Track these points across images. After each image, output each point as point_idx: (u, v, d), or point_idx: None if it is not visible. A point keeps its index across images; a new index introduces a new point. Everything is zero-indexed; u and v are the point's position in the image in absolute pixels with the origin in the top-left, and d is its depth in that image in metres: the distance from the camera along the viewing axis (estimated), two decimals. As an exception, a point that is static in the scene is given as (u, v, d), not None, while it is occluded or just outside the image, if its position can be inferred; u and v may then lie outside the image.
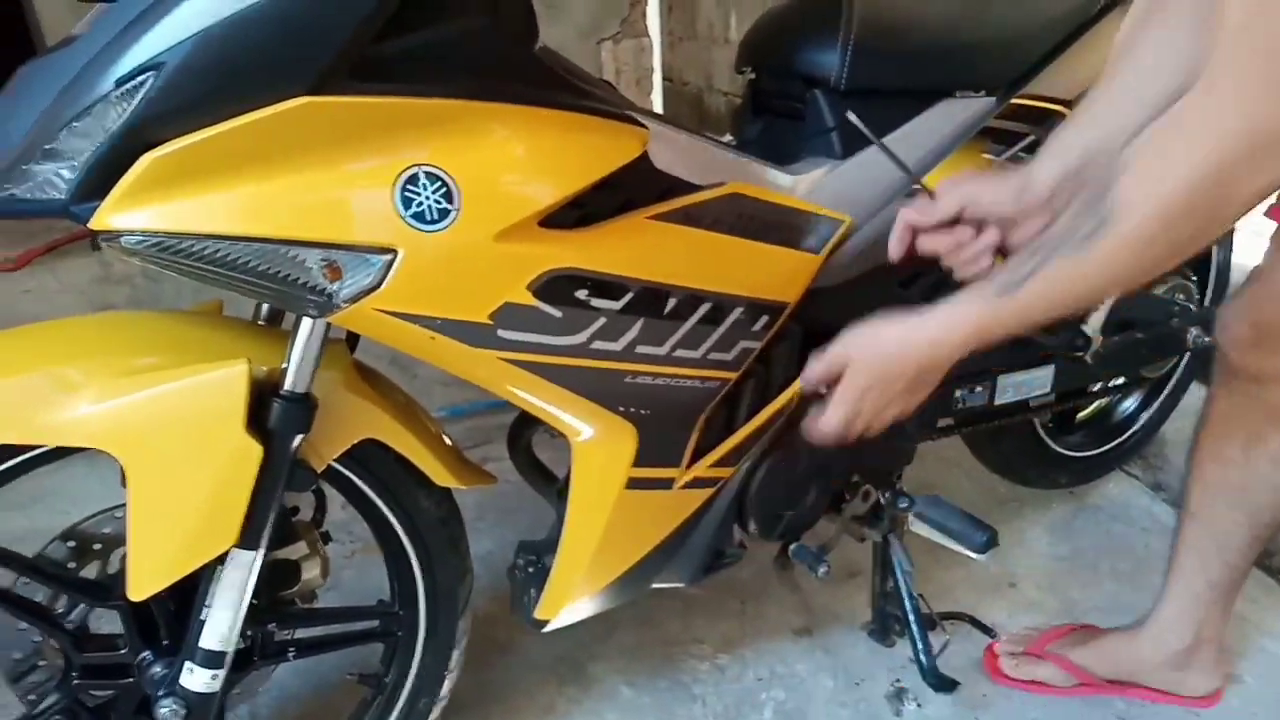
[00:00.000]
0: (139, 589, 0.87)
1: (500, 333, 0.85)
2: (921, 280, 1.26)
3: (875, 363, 0.89)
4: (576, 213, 0.88)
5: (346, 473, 1.01)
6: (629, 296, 0.91)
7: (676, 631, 1.51)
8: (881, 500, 1.31)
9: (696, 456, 1.08)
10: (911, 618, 1.32)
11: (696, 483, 1.09)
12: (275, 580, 1.05)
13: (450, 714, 1.22)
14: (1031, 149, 1.21)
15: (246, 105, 0.71)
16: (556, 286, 0.86)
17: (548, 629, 1.15)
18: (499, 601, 1.52)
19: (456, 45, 0.79)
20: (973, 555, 1.19)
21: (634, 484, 1.02)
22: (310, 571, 1.07)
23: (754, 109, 1.27)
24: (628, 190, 0.92)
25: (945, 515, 1.21)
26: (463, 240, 0.80)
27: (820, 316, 1.11)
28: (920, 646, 1.31)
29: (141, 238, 0.72)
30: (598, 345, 0.91)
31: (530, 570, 1.16)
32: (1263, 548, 1.25)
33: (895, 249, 1.00)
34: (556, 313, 0.87)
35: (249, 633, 1.02)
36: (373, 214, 0.77)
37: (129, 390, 0.83)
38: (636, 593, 1.17)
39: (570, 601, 1.12)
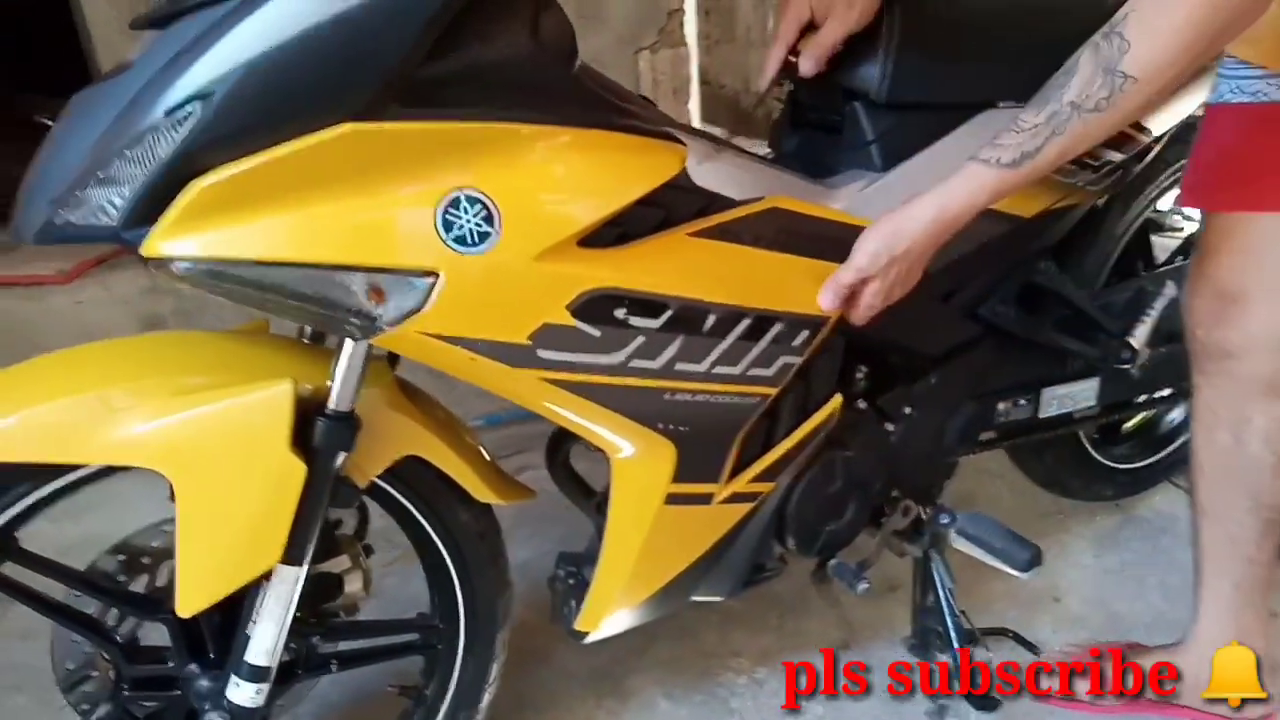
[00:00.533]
0: (187, 605, 0.88)
1: (540, 353, 0.86)
2: (962, 293, 1.24)
3: (896, 262, 0.99)
4: (615, 231, 0.88)
5: (388, 488, 1.02)
6: (668, 314, 0.91)
7: (714, 644, 1.50)
8: (922, 515, 1.30)
9: (736, 471, 1.07)
10: (953, 634, 1.30)
11: (735, 498, 1.08)
12: (318, 594, 1.06)
13: None
14: (1080, 163, 1.19)
15: (294, 132, 0.72)
16: (595, 306, 0.87)
17: (587, 640, 1.16)
18: (537, 611, 1.52)
19: (498, 68, 0.80)
20: (1015, 574, 1.18)
21: (673, 499, 1.02)
22: (353, 585, 1.09)
23: (792, 121, 1.26)
24: (667, 207, 0.92)
25: (988, 532, 1.19)
26: (503, 262, 0.81)
27: (862, 329, 1.11)
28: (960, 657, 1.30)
29: (191, 264, 0.73)
30: (637, 364, 0.91)
31: (570, 582, 1.16)
32: (1279, 537, 1.23)
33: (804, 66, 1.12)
34: (595, 332, 0.88)
35: (292, 646, 1.03)
36: (415, 238, 0.77)
37: (176, 410, 0.85)
38: (676, 605, 1.17)
39: (610, 614, 1.12)
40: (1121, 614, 1.57)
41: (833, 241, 1.06)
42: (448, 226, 0.78)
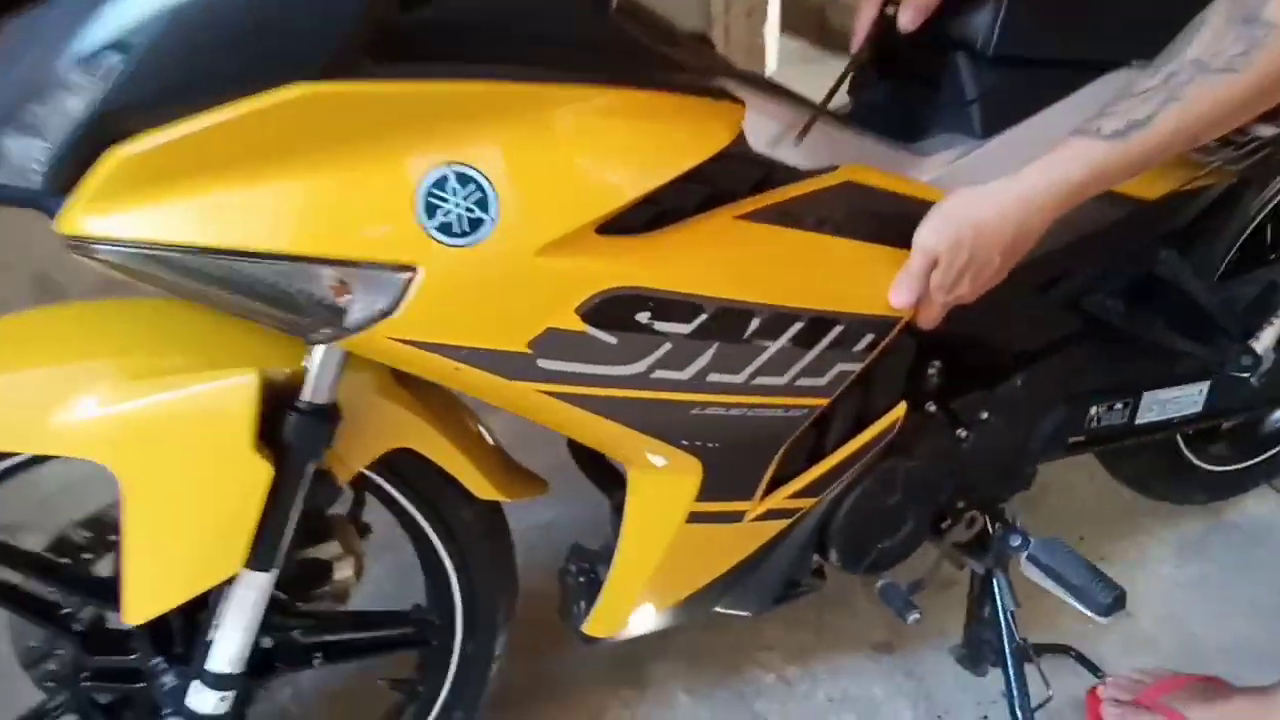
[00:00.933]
0: (134, 613, 0.78)
1: (541, 363, 0.71)
2: (1064, 283, 1.06)
3: (964, 245, 0.81)
4: (646, 213, 0.73)
5: (377, 479, 0.91)
6: (702, 318, 0.76)
7: (745, 637, 1.38)
8: (989, 529, 1.15)
9: (774, 485, 0.93)
10: (1009, 658, 1.17)
11: (771, 514, 0.94)
12: (303, 580, 0.97)
13: (496, 704, 1.13)
14: (1222, 138, 0.98)
15: (234, 94, 0.57)
16: (613, 309, 0.72)
17: (596, 644, 1.05)
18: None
19: (505, 14, 0.63)
20: (1093, 616, 1.03)
21: (696, 518, 0.89)
22: (343, 571, 0.98)
23: (879, 68, 1.06)
24: (714, 181, 0.76)
25: (1065, 565, 1.04)
26: (498, 256, 0.66)
27: (938, 330, 0.94)
28: (1015, 685, 1.17)
29: (114, 247, 0.60)
30: (660, 375, 0.76)
31: (581, 580, 1.05)
32: None
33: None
34: (611, 339, 0.73)
35: (270, 637, 0.94)
36: (388, 225, 0.63)
37: (125, 397, 0.73)
38: (696, 617, 1.05)
39: (621, 622, 1.01)
40: (1199, 637, 1.41)
41: (916, 224, 0.89)
42: (430, 211, 0.63)
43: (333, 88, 0.58)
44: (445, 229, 0.64)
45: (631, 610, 0.99)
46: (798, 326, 0.81)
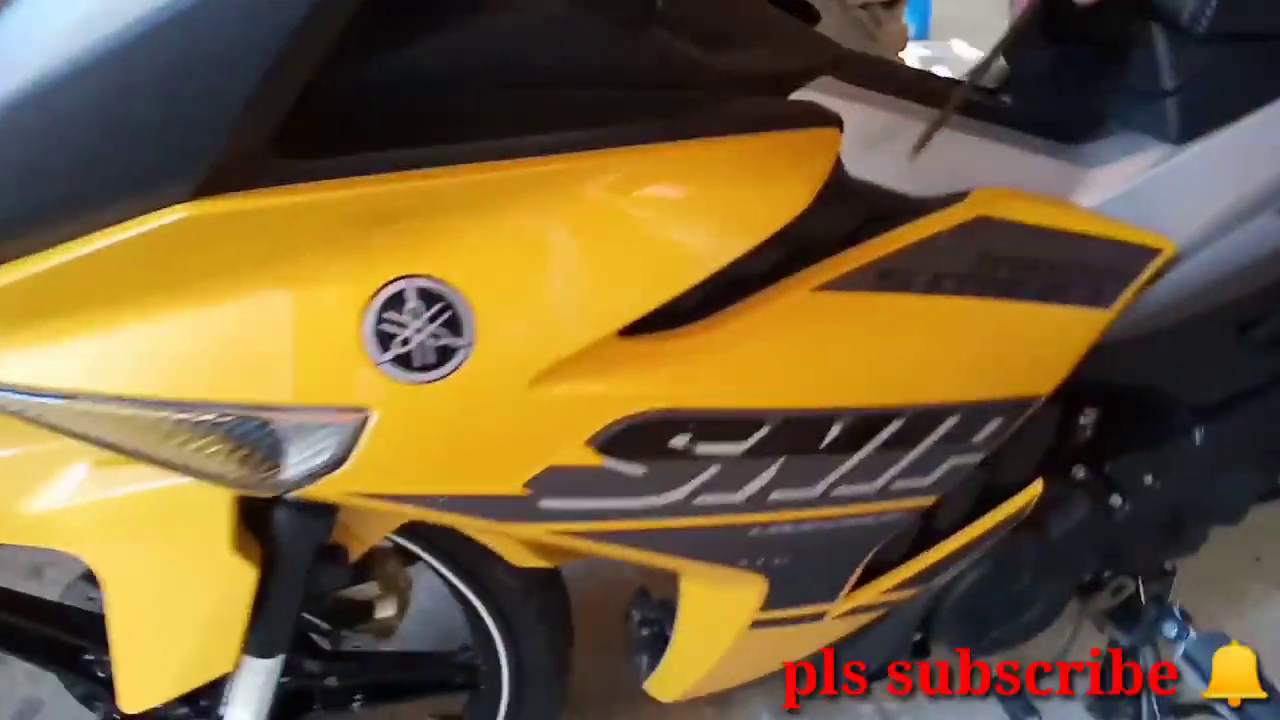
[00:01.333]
0: (130, 703, 0.72)
1: (543, 504, 0.56)
2: (1266, 324, 0.82)
3: None
4: (690, 296, 0.55)
5: (405, 544, 0.80)
6: (761, 435, 0.59)
7: (844, 660, 1.25)
8: (1140, 598, 0.95)
9: (865, 579, 0.77)
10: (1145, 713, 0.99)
11: (861, 610, 0.78)
12: (342, 619, 0.89)
13: (568, 711, 1.04)
14: None
15: (96, 220, 0.42)
16: (638, 437, 0.55)
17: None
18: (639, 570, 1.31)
19: (484, 66, 0.46)
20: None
21: (762, 624, 0.74)
22: (385, 611, 0.90)
23: (1045, 29, 0.81)
24: (786, 238, 0.57)
25: (1232, 677, 0.84)
26: (477, 390, 0.50)
27: (1097, 377, 0.73)
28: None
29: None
30: (706, 500, 0.60)
31: (645, 633, 0.93)
32: None
33: None
34: (637, 471, 0.57)
35: (304, 677, 0.87)
36: (327, 361, 0.48)
37: (97, 486, 0.64)
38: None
39: (686, 691, 0.89)
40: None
41: (1073, 270, 0.68)
42: (384, 341, 0.48)
43: (225, 205, 0.42)
44: (403, 362, 0.48)
45: (698, 682, 0.86)
46: (894, 427, 0.63)
